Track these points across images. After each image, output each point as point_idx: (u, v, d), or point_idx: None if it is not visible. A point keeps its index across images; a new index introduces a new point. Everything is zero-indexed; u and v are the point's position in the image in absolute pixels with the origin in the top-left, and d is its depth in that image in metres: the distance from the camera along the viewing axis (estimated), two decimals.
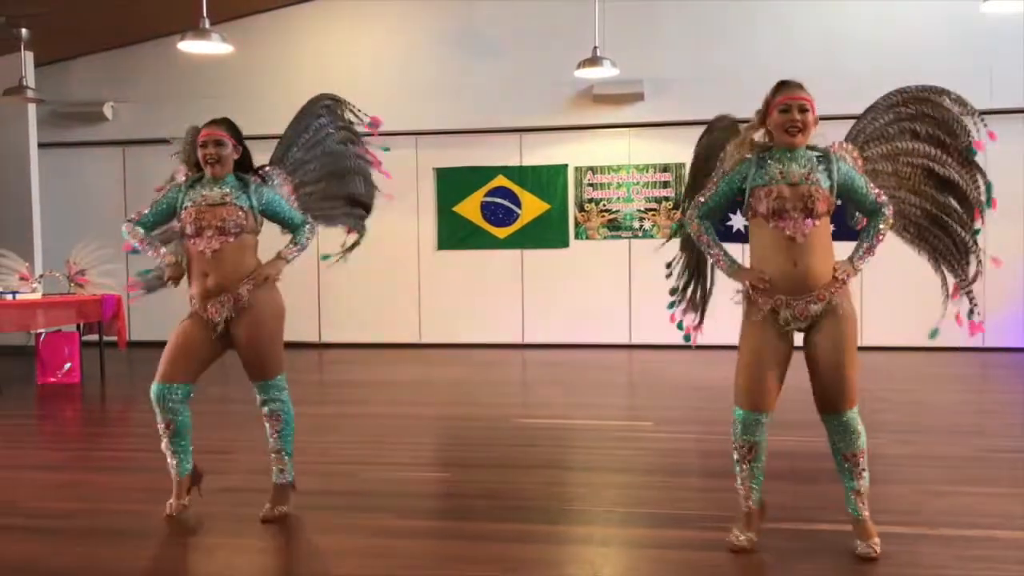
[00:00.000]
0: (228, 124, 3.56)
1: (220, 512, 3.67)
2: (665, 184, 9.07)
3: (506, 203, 9.29)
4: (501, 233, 9.31)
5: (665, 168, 9.05)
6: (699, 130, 3.42)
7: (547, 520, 3.55)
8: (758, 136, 3.11)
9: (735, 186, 3.10)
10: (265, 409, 3.60)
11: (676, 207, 9.03)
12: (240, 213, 3.47)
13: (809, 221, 2.95)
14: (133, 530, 3.45)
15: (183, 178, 3.61)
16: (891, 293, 7.97)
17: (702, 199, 3.15)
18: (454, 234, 9.37)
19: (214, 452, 4.57)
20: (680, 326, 3.60)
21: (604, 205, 9.19)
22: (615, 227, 9.19)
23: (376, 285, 9.42)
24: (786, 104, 2.96)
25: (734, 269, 3.11)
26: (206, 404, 5.95)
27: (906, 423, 5.34)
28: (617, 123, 9.06)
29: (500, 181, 9.28)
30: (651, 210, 9.10)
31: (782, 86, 3.04)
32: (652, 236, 9.10)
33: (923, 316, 3.64)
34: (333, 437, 5.18)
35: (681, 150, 8.92)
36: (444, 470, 4.62)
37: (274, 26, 9.51)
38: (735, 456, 3.14)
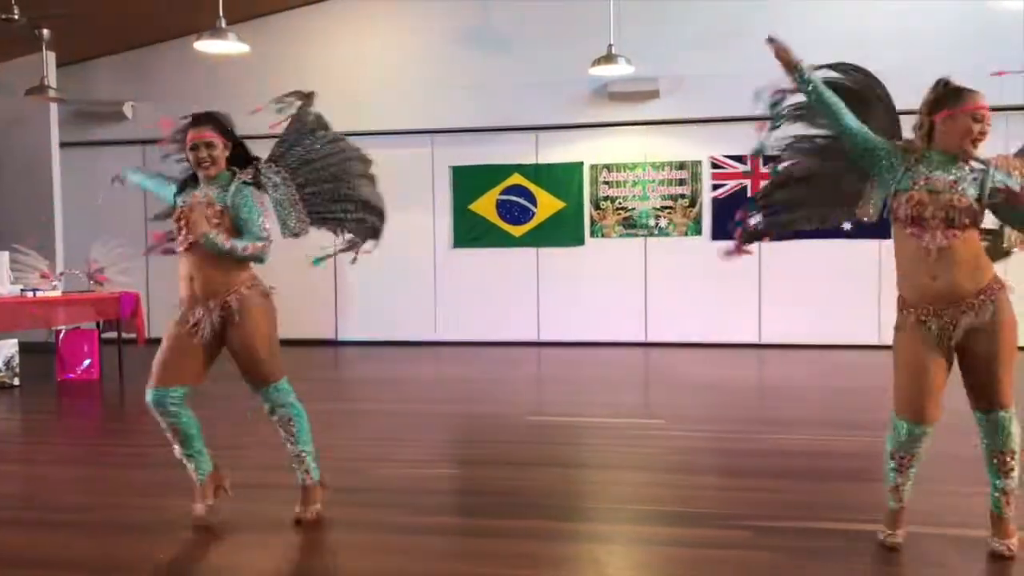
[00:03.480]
0: (215, 121, 3.42)
1: (229, 507, 3.71)
2: (681, 182, 9.04)
3: (522, 201, 9.30)
4: (517, 231, 9.33)
5: (681, 166, 9.02)
6: (716, 128, 3.54)
7: (557, 517, 3.55)
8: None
9: (880, 162, 2.96)
10: (274, 417, 3.52)
11: (692, 204, 9.01)
12: (216, 213, 3.36)
13: (950, 232, 2.81)
14: (148, 525, 3.49)
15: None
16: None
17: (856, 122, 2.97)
18: (470, 232, 9.40)
19: (223, 448, 4.62)
20: (739, 224, 3.33)
21: (620, 203, 9.18)
22: (630, 225, 9.17)
23: (392, 283, 9.48)
24: (980, 113, 2.83)
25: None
26: (213, 400, 6.03)
27: None
28: (633, 121, 9.05)
29: (516, 179, 9.30)
30: (667, 208, 9.08)
31: (966, 92, 2.87)
32: (668, 234, 9.08)
33: None
34: (347, 434, 5.22)
35: (697, 148, 8.94)
36: (457, 467, 4.64)
37: (290, 25, 9.58)
38: (891, 464, 3.06)
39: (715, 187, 8.94)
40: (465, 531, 3.46)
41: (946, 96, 2.87)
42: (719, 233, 8.78)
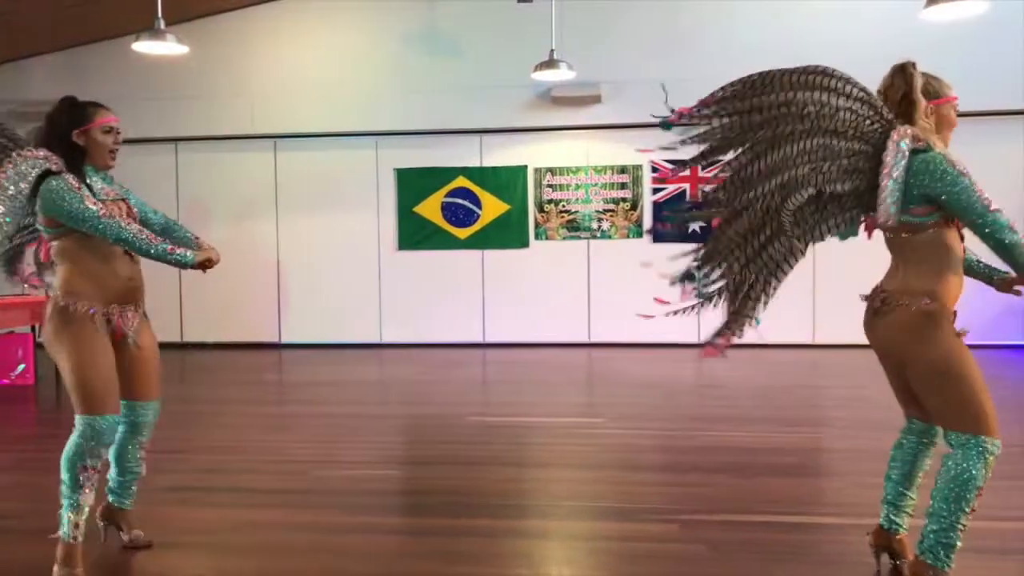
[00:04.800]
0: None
1: (169, 512, 3.69)
2: (623, 185, 9.19)
3: (466, 204, 9.36)
4: (462, 233, 9.38)
5: (623, 170, 9.17)
6: (656, 132, 2.83)
7: (498, 515, 3.62)
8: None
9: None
10: (144, 437, 3.21)
11: (633, 207, 9.16)
12: (135, 212, 3.16)
13: None
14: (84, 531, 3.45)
15: (52, 166, 2.94)
16: (841, 291, 8.16)
17: (995, 203, 2.53)
18: (415, 234, 9.42)
19: (167, 452, 4.58)
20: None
21: (563, 206, 9.29)
22: (574, 228, 9.29)
23: (337, 285, 9.45)
24: (956, 104, 2.77)
25: None
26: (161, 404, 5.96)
27: (851, 418, 5.50)
28: (575, 125, 9.17)
29: (460, 182, 9.35)
30: (609, 211, 9.22)
31: (940, 81, 2.77)
32: (610, 237, 9.22)
33: None
34: (288, 436, 5.21)
35: (637, 152, 9.08)
36: (400, 468, 4.67)
37: (232, 27, 9.49)
38: (974, 499, 2.57)
39: (655, 191, 9.11)
40: (406, 530, 3.50)
41: (932, 86, 2.76)
42: (660, 235, 8.95)
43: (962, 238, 2.68)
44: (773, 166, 2.71)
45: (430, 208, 9.40)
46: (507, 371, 8.03)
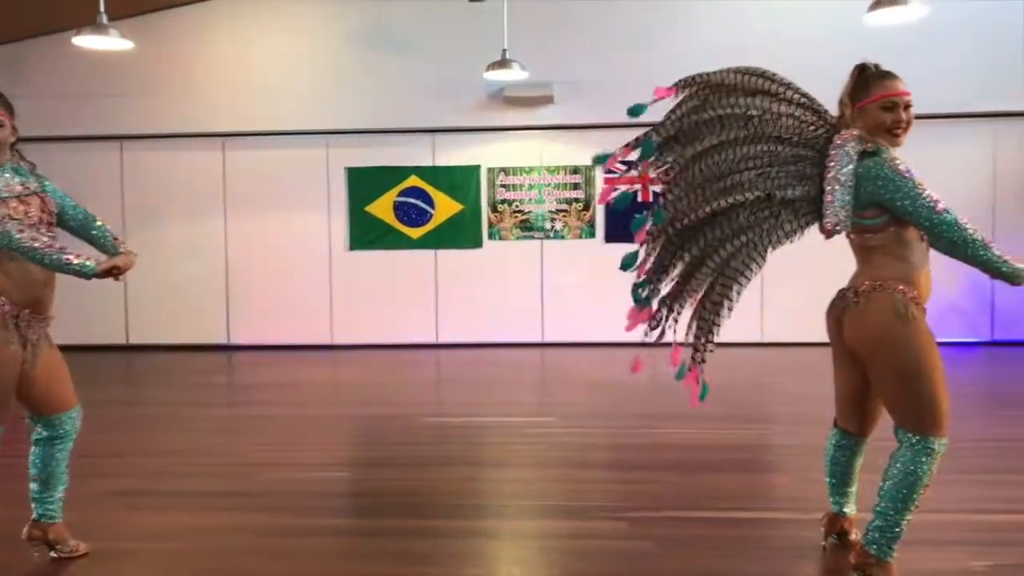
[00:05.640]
0: (4, 99, 2.98)
1: (114, 517, 3.62)
2: (575, 186, 9.23)
3: (419, 203, 9.32)
4: (414, 233, 9.34)
5: (575, 170, 9.22)
6: (608, 133, 2.95)
7: (449, 515, 3.62)
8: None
9: None
10: (66, 447, 3.12)
11: (586, 208, 9.21)
12: (53, 207, 3.01)
13: None
14: (14, 539, 3.37)
15: None
16: (788, 290, 8.32)
17: (943, 203, 2.54)
18: (366, 234, 9.35)
19: (111, 456, 4.50)
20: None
21: (516, 206, 9.31)
22: (527, 228, 9.31)
23: (287, 286, 9.33)
24: (891, 101, 2.66)
25: (1017, 265, 2.56)
26: (106, 407, 5.84)
27: (798, 415, 5.60)
28: (528, 125, 9.19)
29: (413, 181, 9.31)
30: (562, 211, 9.26)
31: (879, 77, 2.69)
32: (563, 237, 9.26)
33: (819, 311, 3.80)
34: (237, 439, 5.14)
35: (590, 153, 9.14)
36: (350, 469, 4.64)
37: (178, 23, 9.31)
38: (920, 496, 2.62)
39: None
40: (356, 532, 3.48)
41: (860, 85, 2.74)
42: (612, 236, 9.03)
43: (922, 237, 2.67)
44: (719, 170, 2.72)
45: (382, 207, 9.34)
46: (461, 372, 8.02)
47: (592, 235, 9.22)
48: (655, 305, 2.90)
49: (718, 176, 2.73)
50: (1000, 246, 2.56)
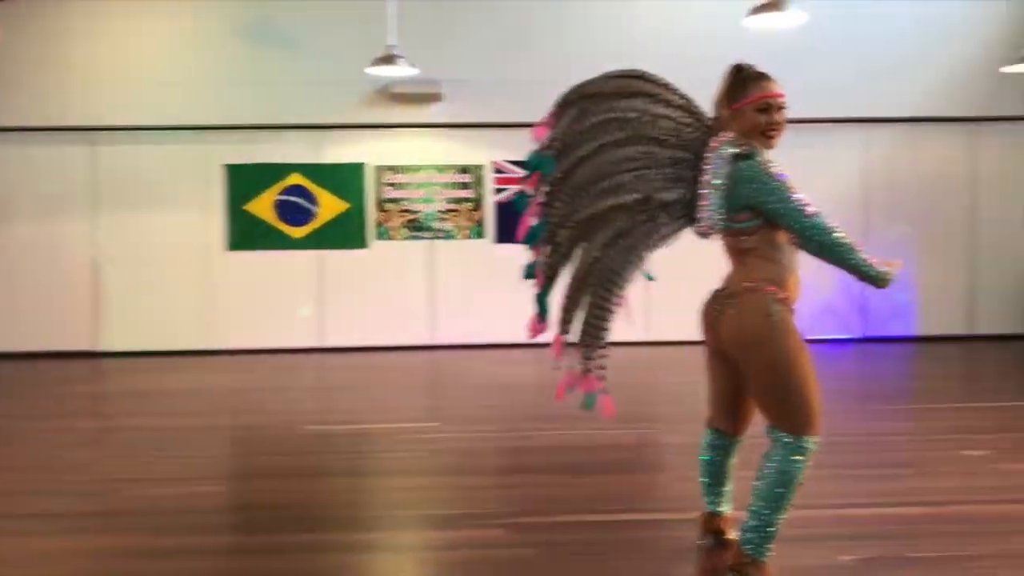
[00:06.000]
0: None
1: None
2: (464, 185, 9.14)
3: (302, 202, 9.03)
4: (297, 233, 9.04)
5: (464, 169, 9.12)
6: (498, 133, 3.02)
7: (328, 528, 3.45)
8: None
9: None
10: None
11: (476, 208, 9.13)
12: None
13: None
14: None
15: None
16: (674, 288, 8.45)
17: (812, 206, 2.57)
18: (246, 234, 8.99)
19: None
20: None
21: (404, 205, 9.14)
22: (416, 228, 9.16)
23: (160, 288, 8.85)
24: (766, 103, 2.67)
25: (887, 271, 2.60)
26: None
27: (682, 413, 5.67)
28: (416, 123, 9.04)
29: (295, 179, 9.01)
30: (451, 211, 9.15)
31: (755, 79, 2.69)
32: (453, 237, 9.15)
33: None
34: (99, 453, 4.81)
35: (479, 152, 9.07)
36: (224, 483, 4.39)
37: (47, 10, 8.71)
38: (794, 494, 2.65)
39: (498, 191, 9.11)
40: (224, 550, 3.27)
41: (737, 88, 2.72)
42: (502, 236, 8.98)
43: (792, 240, 2.69)
44: (599, 172, 2.68)
45: (262, 206, 9.00)
46: (347, 377, 7.81)
47: (481, 235, 9.15)
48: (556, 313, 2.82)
49: (598, 179, 2.69)
50: (870, 248, 2.62)
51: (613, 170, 2.68)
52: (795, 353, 2.61)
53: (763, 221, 2.64)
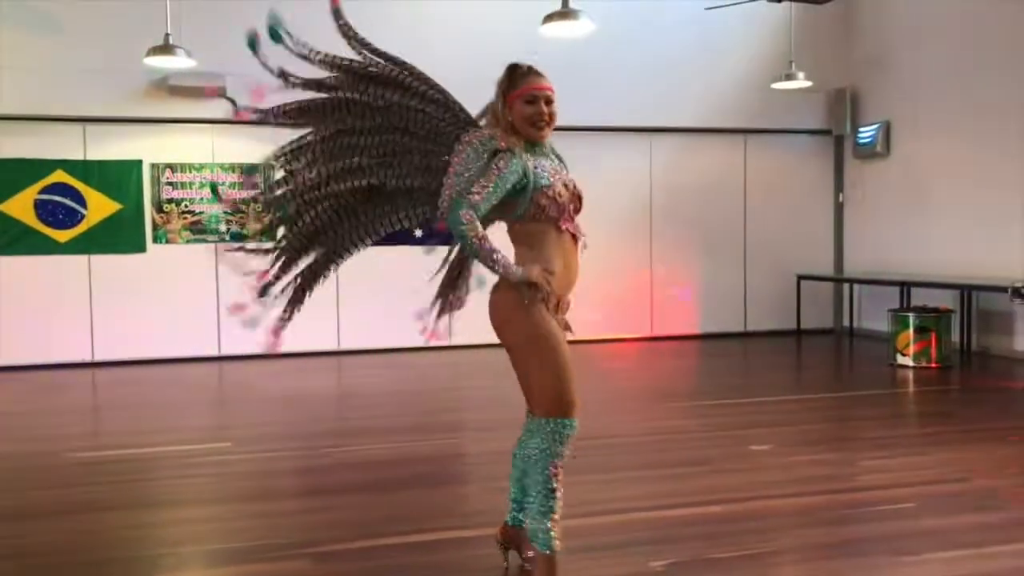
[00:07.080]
0: None
1: None
2: (253, 185, 8.63)
3: (67, 202, 8.14)
4: (62, 236, 8.14)
5: (253, 168, 8.61)
6: (287, 131, 3.10)
7: (91, 573, 3.04)
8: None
9: (509, 186, 2.66)
10: None
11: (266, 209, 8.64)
12: None
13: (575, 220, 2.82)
14: None
15: None
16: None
17: (478, 197, 2.59)
18: (1, 237, 7.98)
19: None
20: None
21: (186, 206, 8.49)
22: (199, 230, 8.53)
23: None
24: (532, 95, 2.75)
25: (520, 271, 2.64)
26: None
27: (486, 420, 5.62)
28: (197, 118, 8.42)
29: (59, 176, 8.11)
30: (239, 212, 8.61)
31: (525, 74, 2.80)
32: (242, 240, 8.60)
33: None
34: None
35: (269, 150, 8.57)
36: None
37: None
38: (558, 481, 2.67)
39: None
40: None
41: (509, 82, 2.81)
42: None
43: (575, 239, 2.79)
44: (343, 152, 2.90)
45: (20, 206, 8.01)
46: (122, 394, 7.11)
47: (275, 238, 8.65)
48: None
49: (341, 157, 2.90)
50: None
51: (356, 153, 2.89)
52: (544, 339, 2.66)
53: (520, 212, 2.73)
